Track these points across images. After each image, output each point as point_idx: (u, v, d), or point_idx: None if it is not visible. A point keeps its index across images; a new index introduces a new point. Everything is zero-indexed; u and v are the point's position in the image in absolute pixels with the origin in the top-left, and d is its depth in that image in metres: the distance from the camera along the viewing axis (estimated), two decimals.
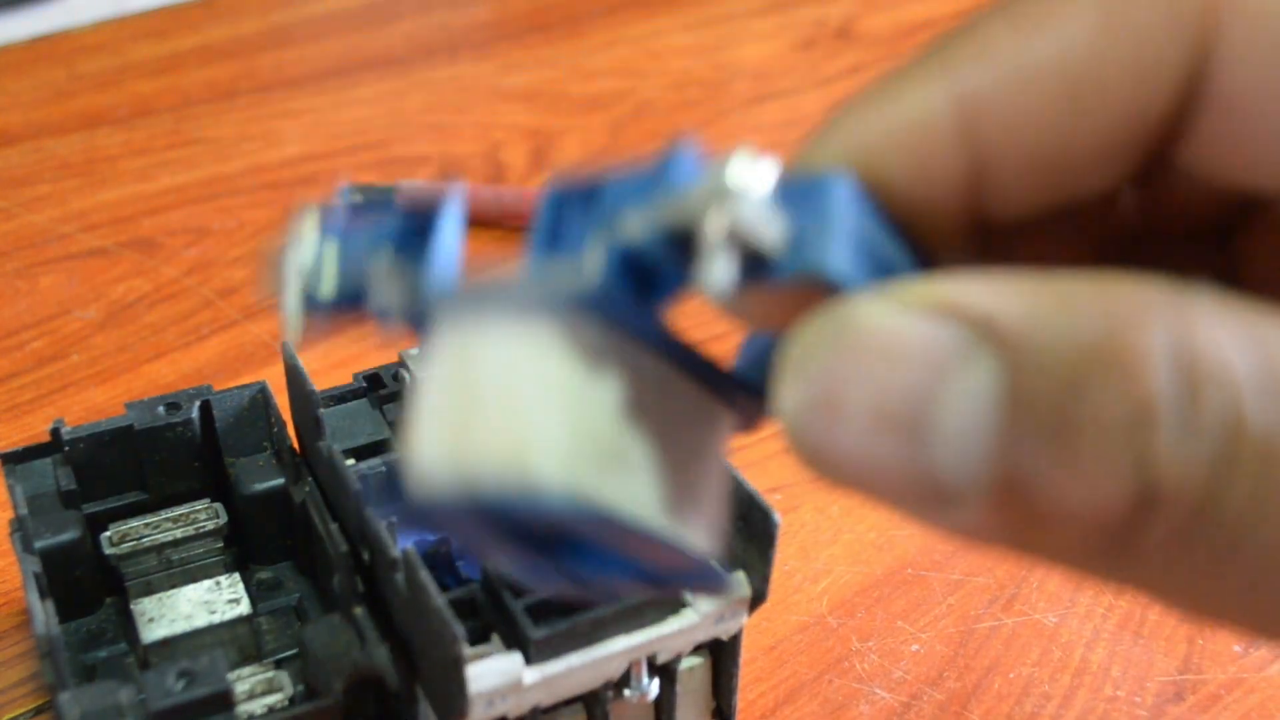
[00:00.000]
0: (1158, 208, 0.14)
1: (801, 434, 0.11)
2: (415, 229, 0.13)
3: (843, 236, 0.11)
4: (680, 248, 0.11)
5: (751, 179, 0.11)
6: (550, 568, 0.13)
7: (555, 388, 0.11)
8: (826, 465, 0.11)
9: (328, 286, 0.13)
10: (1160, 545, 0.10)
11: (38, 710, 0.26)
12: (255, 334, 0.37)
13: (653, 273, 0.12)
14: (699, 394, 0.13)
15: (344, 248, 0.13)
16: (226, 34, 0.53)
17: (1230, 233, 0.14)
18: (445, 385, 0.12)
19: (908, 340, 0.10)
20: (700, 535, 0.13)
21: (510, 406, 0.11)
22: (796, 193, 0.12)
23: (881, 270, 0.11)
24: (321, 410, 0.24)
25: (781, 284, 0.11)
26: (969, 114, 0.12)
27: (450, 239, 0.13)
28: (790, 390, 0.11)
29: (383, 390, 0.27)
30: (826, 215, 0.11)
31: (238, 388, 0.26)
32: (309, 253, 0.13)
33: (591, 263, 0.12)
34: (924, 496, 0.10)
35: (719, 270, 0.11)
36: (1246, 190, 0.12)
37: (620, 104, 0.49)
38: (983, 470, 0.10)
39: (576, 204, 0.12)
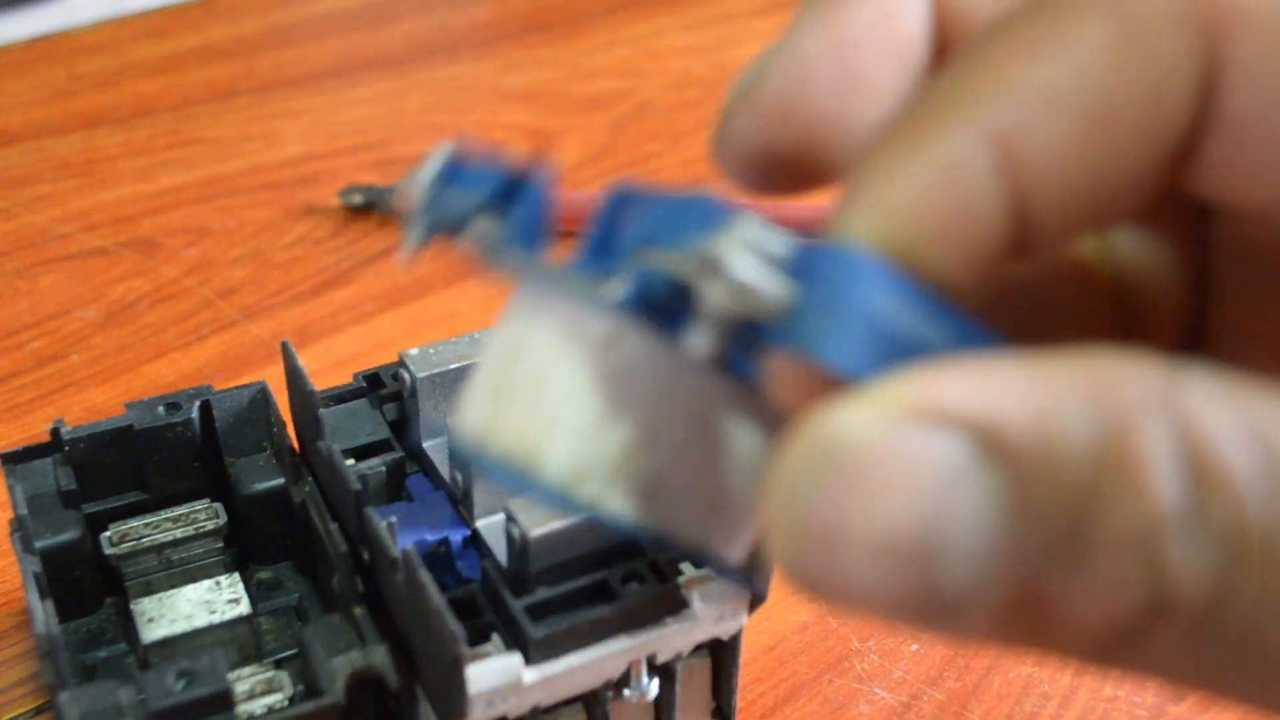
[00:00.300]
0: (1179, 230, 0.14)
1: (799, 570, 0.10)
2: (508, 188, 0.13)
3: (850, 319, 0.11)
4: (684, 298, 0.11)
5: (756, 241, 0.11)
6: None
7: (585, 384, 0.12)
8: (828, 598, 0.10)
9: (446, 220, 0.14)
10: (1170, 648, 0.10)
11: (38, 710, 0.26)
12: (255, 334, 0.37)
13: (668, 308, 0.12)
14: (738, 404, 0.13)
15: (460, 187, 0.14)
16: (226, 34, 0.53)
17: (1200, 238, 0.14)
18: (500, 352, 0.13)
19: (906, 461, 0.10)
20: (725, 545, 0.13)
21: (539, 396, 0.12)
22: (812, 261, 0.11)
23: (906, 353, 0.11)
24: (321, 410, 0.24)
25: (776, 352, 0.11)
26: (1005, 154, 0.11)
27: (534, 205, 0.13)
28: (781, 524, 0.10)
29: (383, 390, 0.27)
30: (835, 294, 0.11)
31: (238, 388, 0.26)
32: (431, 189, 0.14)
33: (617, 287, 0.12)
34: (927, 616, 0.10)
35: (699, 338, 0.11)
36: (1244, 208, 0.12)
37: (620, 104, 0.49)
38: (992, 586, 0.10)
39: (631, 215, 0.12)
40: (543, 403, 0.12)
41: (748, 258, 0.11)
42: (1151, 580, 0.10)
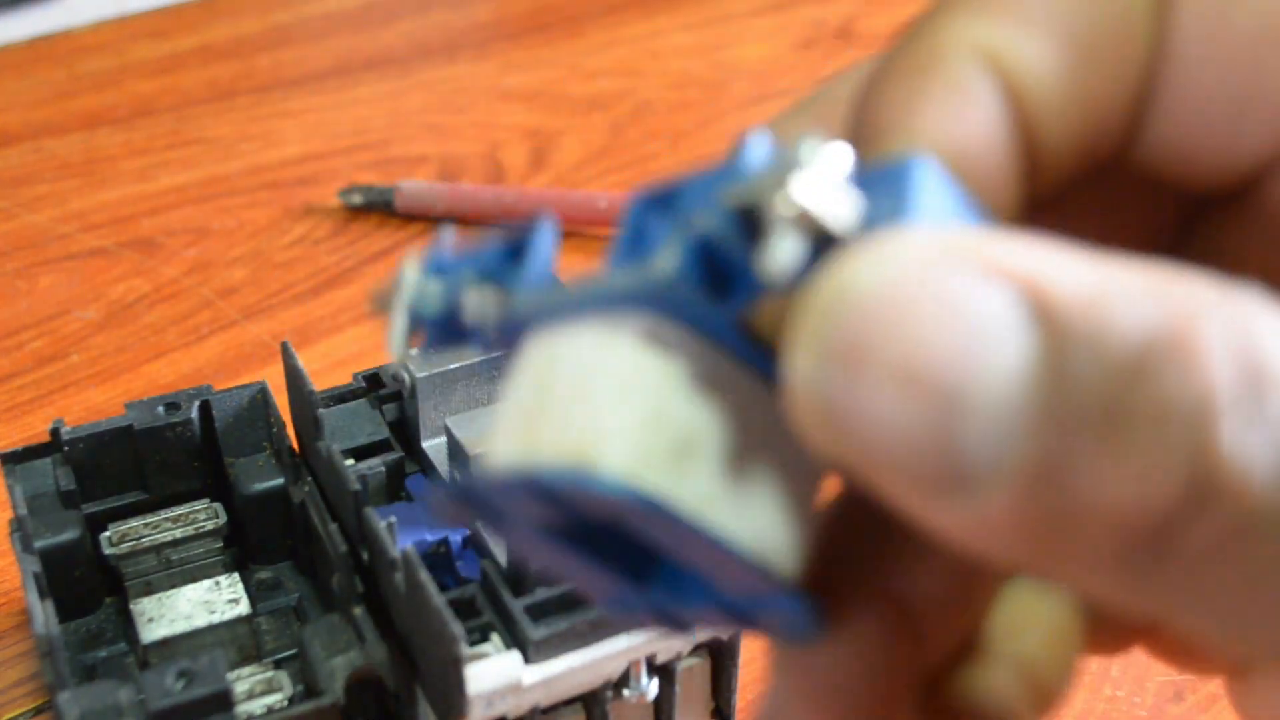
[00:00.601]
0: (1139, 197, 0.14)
1: (815, 391, 0.09)
2: (510, 253, 0.13)
3: (925, 217, 0.10)
4: (750, 231, 0.11)
5: (824, 157, 0.10)
6: (629, 591, 0.13)
7: (628, 385, 0.11)
8: (838, 429, 0.09)
9: (431, 307, 0.13)
10: (1203, 550, 0.09)
11: (37, 710, 0.26)
12: (255, 334, 0.37)
13: (728, 269, 0.11)
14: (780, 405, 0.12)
15: (446, 275, 0.13)
16: (226, 34, 0.53)
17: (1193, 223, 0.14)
18: (525, 384, 0.12)
19: (953, 298, 0.09)
20: (778, 553, 0.12)
21: (583, 402, 0.11)
22: (876, 176, 0.11)
23: None
24: (321, 410, 0.24)
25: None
26: (1008, 70, 0.12)
27: (545, 251, 0.13)
28: (809, 339, 0.10)
29: (382, 390, 0.27)
30: (905, 196, 0.10)
31: (237, 388, 0.26)
32: (413, 285, 0.13)
33: (666, 258, 0.11)
34: (942, 477, 0.09)
35: (783, 250, 0.10)
36: (1200, 183, 0.12)
37: (620, 104, 0.49)
38: (1015, 452, 0.09)
39: (657, 210, 0.12)
40: (589, 407, 0.11)
41: (813, 172, 0.10)
42: (1195, 462, 0.09)
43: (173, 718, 0.20)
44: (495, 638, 0.21)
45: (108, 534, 0.25)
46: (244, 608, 0.25)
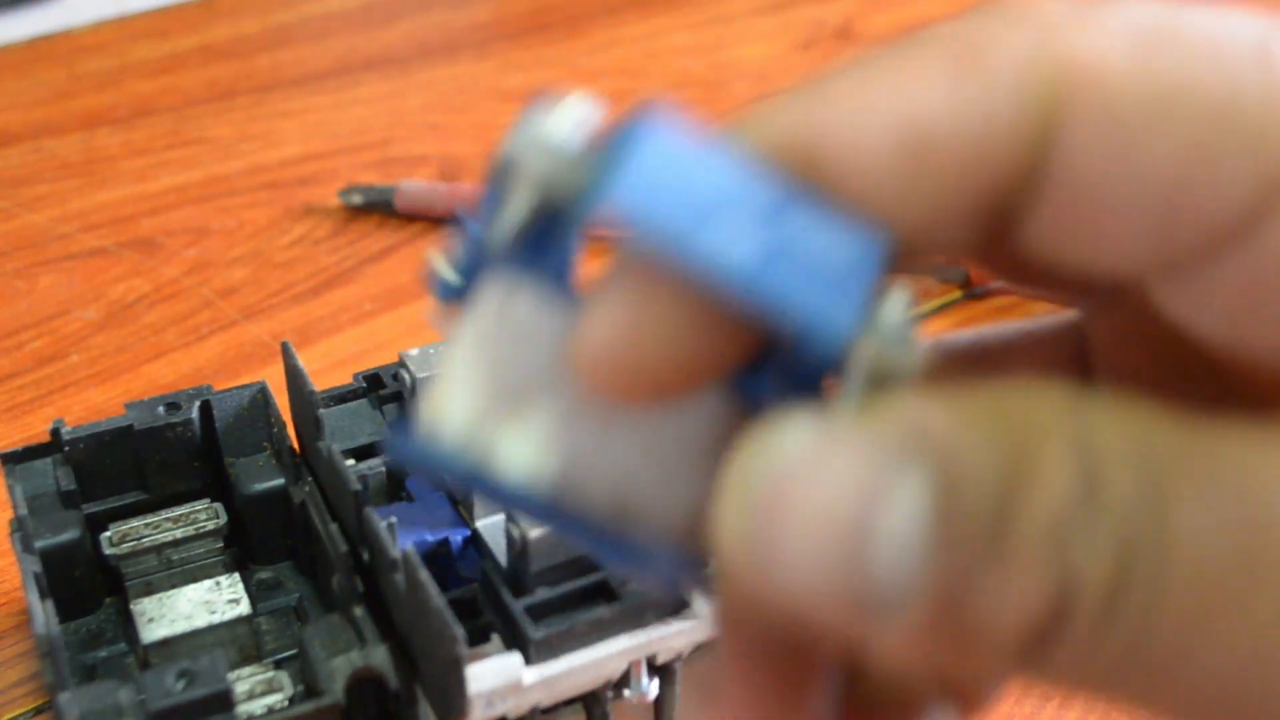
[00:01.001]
0: (1020, 277, 0.14)
1: (740, 558, 0.11)
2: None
3: (639, 168, 0.11)
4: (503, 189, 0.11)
5: (562, 121, 0.11)
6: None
7: (476, 345, 0.12)
8: (765, 587, 0.11)
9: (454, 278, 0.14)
10: (1075, 648, 0.11)
11: (38, 710, 0.26)
12: (255, 334, 0.37)
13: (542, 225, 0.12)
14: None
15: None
16: (226, 34, 0.53)
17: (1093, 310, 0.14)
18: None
19: (847, 456, 0.11)
20: (649, 518, 0.12)
21: (447, 366, 0.12)
22: (614, 139, 0.11)
23: (699, 205, 0.11)
24: (321, 410, 0.24)
25: (583, 233, 0.11)
26: (812, 157, 0.12)
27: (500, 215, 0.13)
28: (728, 518, 0.11)
29: (383, 390, 0.27)
30: (624, 151, 0.11)
31: (237, 388, 0.26)
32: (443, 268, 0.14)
33: (499, 222, 0.12)
34: (860, 612, 0.11)
35: (507, 215, 0.11)
36: (1091, 273, 0.13)
37: (620, 104, 0.48)
38: (919, 580, 0.10)
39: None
40: (447, 371, 0.12)
41: (558, 125, 0.11)
42: (1058, 574, 0.10)
43: (173, 718, 0.20)
44: (495, 638, 0.21)
45: (108, 534, 0.25)
46: (244, 608, 0.25)
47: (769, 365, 0.12)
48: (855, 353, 0.11)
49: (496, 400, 0.12)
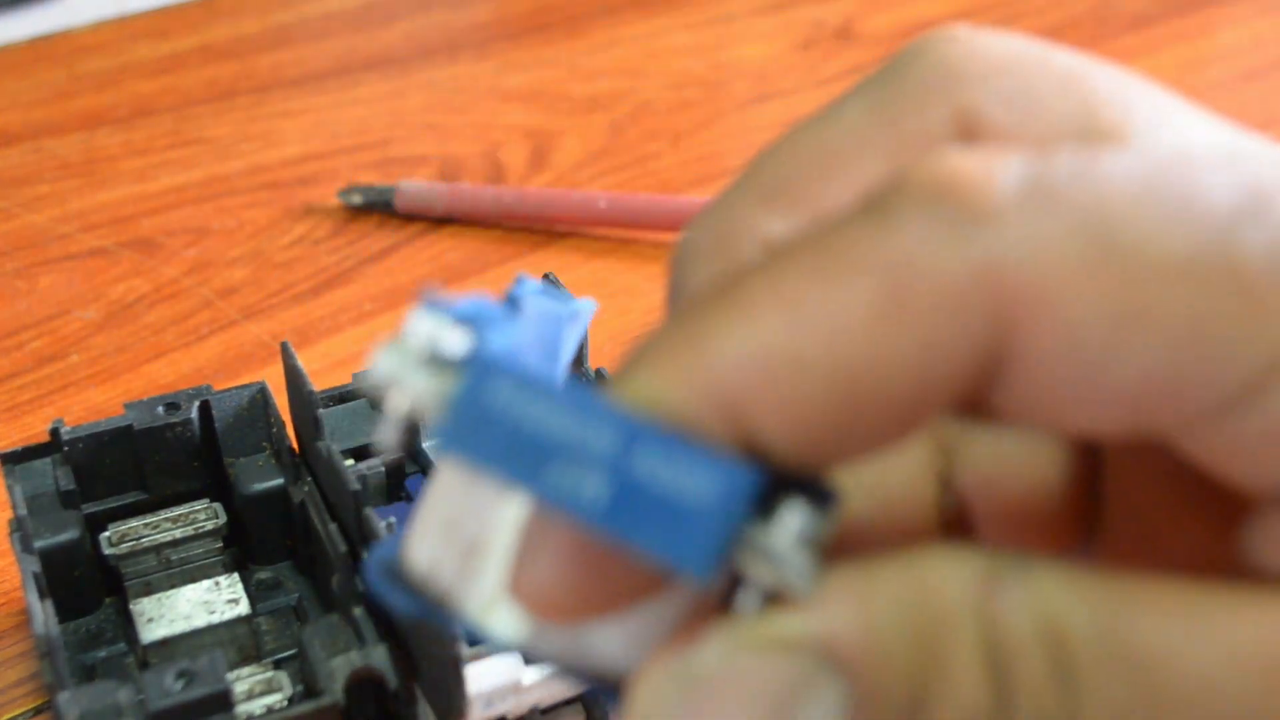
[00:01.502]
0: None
1: None
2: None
3: (475, 411, 0.11)
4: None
5: (414, 337, 0.12)
6: None
7: (442, 489, 0.13)
8: None
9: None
10: None
11: (37, 710, 0.26)
12: (254, 334, 0.37)
13: None
14: None
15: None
16: (226, 34, 0.53)
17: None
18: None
19: (750, 683, 0.11)
20: (612, 676, 0.13)
21: (419, 512, 0.13)
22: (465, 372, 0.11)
23: (526, 446, 0.11)
24: (321, 410, 0.24)
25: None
26: (730, 407, 0.11)
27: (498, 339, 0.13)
28: None
29: None
30: (472, 388, 0.11)
31: (237, 388, 0.26)
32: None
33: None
34: None
35: (382, 432, 0.12)
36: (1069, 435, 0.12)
37: (620, 104, 0.49)
38: None
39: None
40: (416, 518, 0.13)
41: (411, 349, 0.12)
42: None
43: (172, 718, 0.20)
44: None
45: (107, 534, 0.25)
46: (244, 608, 0.25)
47: None
48: (746, 575, 0.11)
49: (458, 546, 0.13)
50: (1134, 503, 0.14)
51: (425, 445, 0.26)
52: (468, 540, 0.13)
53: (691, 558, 0.11)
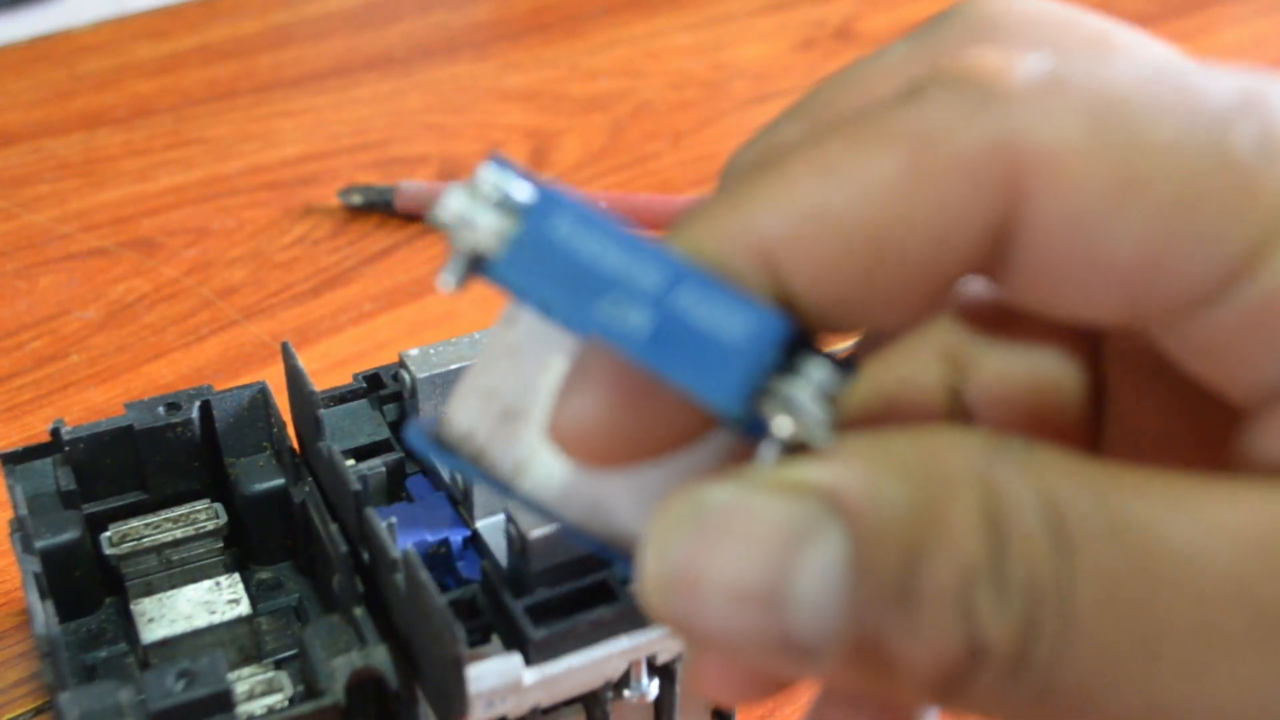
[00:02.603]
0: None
1: (663, 608, 0.12)
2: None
3: (534, 247, 0.12)
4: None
5: (484, 183, 0.12)
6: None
7: (487, 360, 0.14)
8: (687, 635, 0.11)
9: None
10: (988, 690, 0.11)
11: (38, 710, 0.26)
12: (255, 334, 0.37)
13: None
14: None
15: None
16: (226, 34, 0.53)
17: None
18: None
19: (759, 519, 0.11)
20: (618, 514, 0.13)
21: (466, 375, 0.14)
22: (524, 212, 0.12)
23: (581, 282, 0.12)
24: (321, 410, 0.24)
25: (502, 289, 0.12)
26: (767, 257, 0.12)
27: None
28: (651, 569, 0.12)
29: (383, 390, 0.27)
30: (525, 228, 0.12)
31: (238, 388, 0.26)
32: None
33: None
34: (783, 657, 0.11)
35: (446, 270, 0.12)
36: (1073, 322, 0.13)
37: (620, 104, 0.49)
38: (836, 632, 0.11)
39: None
40: (462, 380, 0.14)
41: (480, 193, 0.12)
42: (966, 629, 0.11)
43: (173, 718, 0.20)
44: (495, 638, 0.21)
45: (108, 534, 0.25)
46: (244, 608, 0.25)
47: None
48: (769, 421, 0.12)
49: (496, 411, 0.13)
50: (1136, 423, 0.14)
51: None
52: (506, 406, 0.13)
53: (723, 393, 0.11)
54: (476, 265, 0.12)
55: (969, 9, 0.14)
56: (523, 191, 0.12)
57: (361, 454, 0.26)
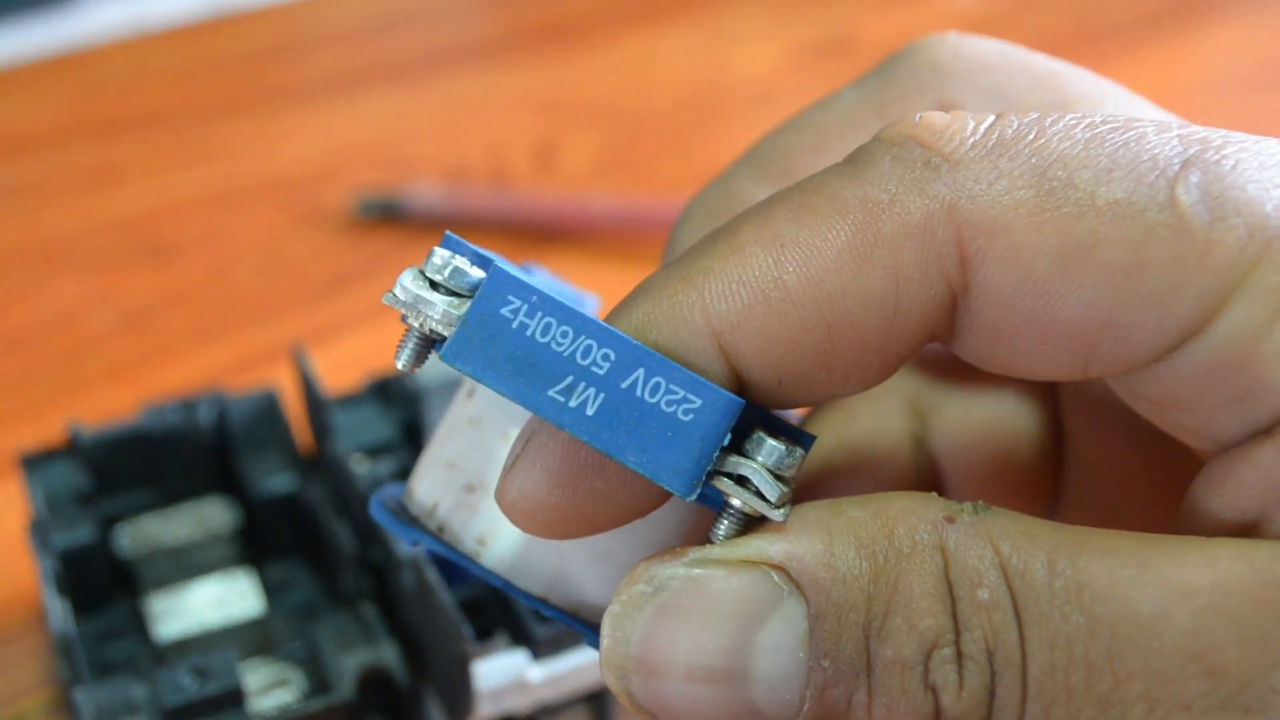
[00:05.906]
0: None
1: (624, 690, 0.11)
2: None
3: (480, 331, 0.12)
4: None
5: (437, 263, 0.12)
6: None
7: (449, 432, 0.13)
8: (650, 713, 0.11)
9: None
10: None
11: (54, 706, 0.26)
12: (268, 337, 0.37)
13: None
14: None
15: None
16: (240, 47, 0.54)
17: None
18: None
19: (717, 595, 0.11)
20: (590, 612, 0.13)
21: (425, 451, 0.14)
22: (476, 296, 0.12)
23: (528, 365, 0.11)
24: (332, 412, 0.25)
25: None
26: (718, 338, 0.12)
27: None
28: (610, 651, 0.11)
29: (392, 391, 0.27)
30: (471, 316, 0.12)
31: (251, 390, 0.27)
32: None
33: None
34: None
35: (401, 350, 0.12)
36: (1025, 375, 0.13)
37: (625, 112, 0.49)
38: (798, 705, 0.11)
39: None
40: (422, 457, 0.14)
41: (432, 273, 0.12)
42: (927, 699, 0.11)
43: (186, 714, 0.20)
44: (502, 636, 0.22)
45: (124, 534, 0.26)
46: (256, 606, 0.25)
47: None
48: (726, 497, 0.12)
49: (459, 483, 0.13)
50: (1095, 462, 0.14)
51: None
52: (467, 479, 0.13)
53: (674, 475, 0.11)
54: (431, 345, 0.12)
55: (918, 53, 0.14)
56: (474, 271, 0.12)
57: (372, 455, 0.26)
